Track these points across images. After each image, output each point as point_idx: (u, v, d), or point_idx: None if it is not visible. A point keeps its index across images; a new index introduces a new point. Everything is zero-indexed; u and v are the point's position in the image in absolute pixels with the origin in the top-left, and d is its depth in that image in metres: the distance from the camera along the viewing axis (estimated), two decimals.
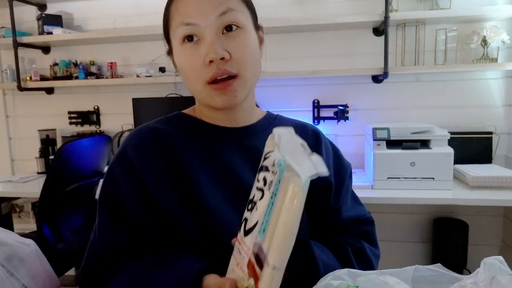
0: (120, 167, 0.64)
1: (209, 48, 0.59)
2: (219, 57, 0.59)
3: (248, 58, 0.62)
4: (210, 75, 0.60)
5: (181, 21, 0.61)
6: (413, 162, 1.61)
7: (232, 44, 0.61)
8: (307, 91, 2.13)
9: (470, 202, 1.53)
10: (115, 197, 0.63)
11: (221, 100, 0.62)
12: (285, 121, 0.80)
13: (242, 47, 0.62)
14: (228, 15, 0.60)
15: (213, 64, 0.60)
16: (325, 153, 0.77)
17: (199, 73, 0.61)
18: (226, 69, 0.60)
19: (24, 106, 2.45)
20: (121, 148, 0.66)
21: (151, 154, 0.64)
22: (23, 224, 2.37)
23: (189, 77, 0.64)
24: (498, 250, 2.03)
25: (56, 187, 1.54)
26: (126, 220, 0.61)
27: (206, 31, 0.60)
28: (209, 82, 0.61)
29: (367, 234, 0.76)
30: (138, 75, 2.15)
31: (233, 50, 0.60)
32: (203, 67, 0.61)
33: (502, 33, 1.77)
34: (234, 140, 0.70)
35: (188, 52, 0.62)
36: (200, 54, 0.60)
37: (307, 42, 2.09)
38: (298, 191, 0.39)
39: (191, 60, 0.61)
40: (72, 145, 1.55)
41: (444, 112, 2.02)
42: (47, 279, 0.69)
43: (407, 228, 2.09)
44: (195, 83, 0.63)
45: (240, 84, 0.63)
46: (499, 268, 0.49)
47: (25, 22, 2.33)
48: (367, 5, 2.00)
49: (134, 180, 0.62)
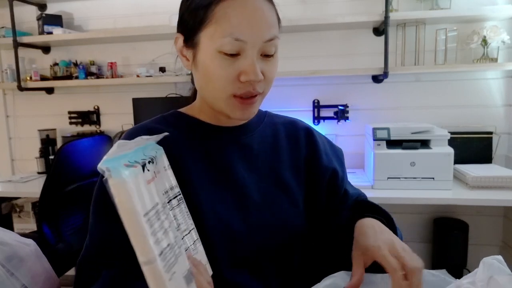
0: None
1: (251, 69, 0.60)
2: (258, 80, 0.61)
3: (273, 79, 0.66)
4: (242, 91, 0.62)
5: (230, 33, 0.58)
6: (413, 162, 1.61)
7: (267, 67, 0.63)
8: (307, 91, 2.13)
9: (470, 202, 1.53)
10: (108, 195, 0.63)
11: (241, 114, 0.65)
12: (274, 117, 0.81)
13: (274, 70, 0.66)
14: (273, 42, 0.63)
15: (247, 83, 0.61)
16: (321, 143, 0.79)
17: (229, 85, 0.61)
18: (257, 90, 0.63)
19: (24, 106, 2.45)
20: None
21: None
22: (23, 224, 2.37)
23: (214, 85, 0.62)
24: (498, 250, 2.03)
25: (56, 187, 1.53)
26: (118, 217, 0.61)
27: (250, 49, 0.60)
28: (235, 96, 0.62)
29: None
30: (138, 75, 2.15)
31: (267, 73, 0.63)
32: (235, 81, 0.61)
33: (502, 33, 1.77)
34: (230, 139, 0.71)
35: (224, 62, 0.60)
36: (236, 68, 0.60)
37: (307, 42, 2.09)
38: (113, 188, 0.41)
39: (225, 70, 0.60)
40: (72, 145, 1.55)
41: (444, 112, 2.02)
42: (47, 279, 0.69)
43: (407, 228, 2.09)
44: (219, 92, 0.62)
45: (260, 100, 0.66)
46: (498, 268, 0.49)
47: (25, 22, 2.33)
48: (367, 5, 2.00)
49: None
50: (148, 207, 0.43)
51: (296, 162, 0.75)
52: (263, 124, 0.77)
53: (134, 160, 0.46)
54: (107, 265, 0.60)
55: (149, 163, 0.48)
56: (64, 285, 0.76)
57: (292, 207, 0.72)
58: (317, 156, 0.77)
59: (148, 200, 0.44)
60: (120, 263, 0.59)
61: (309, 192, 0.75)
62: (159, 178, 0.51)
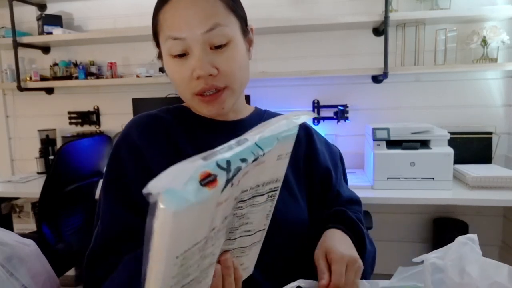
0: (125, 148, 0.65)
1: (197, 64, 0.60)
2: (207, 74, 0.60)
3: (236, 71, 0.63)
4: (198, 89, 0.62)
5: (168, 34, 0.61)
6: (413, 162, 1.61)
7: (220, 60, 0.61)
8: (307, 91, 2.13)
9: (470, 202, 1.53)
10: (120, 178, 0.63)
11: (208, 111, 0.65)
12: (273, 115, 0.82)
13: (230, 61, 0.62)
14: (215, 31, 0.59)
15: (201, 79, 0.61)
16: (318, 142, 0.80)
17: (187, 85, 0.63)
18: (214, 84, 0.61)
19: (24, 106, 2.45)
20: (125, 130, 0.67)
21: (155, 139, 0.66)
22: (23, 224, 2.37)
23: (178, 88, 0.66)
24: (498, 250, 2.03)
25: (56, 187, 1.53)
26: (131, 202, 0.61)
27: (193, 45, 0.60)
28: (196, 94, 0.63)
29: (358, 213, 0.80)
30: (138, 75, 2.15)
31: (221, 65, 0.61)
32: (191, 79, 0.62)
33: (502, 33, 1.77)
34: (231, 133, 0.71)
35: (177, 64, 0.62)
36: (188, 67, 0.61)
37: (307, 42, 2.09)
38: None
39: (179, 72, 0.62)
40: (72, 145, 1.55)
41: (444, 112, 2.02)
42: (47, 279, 0.69)
43: (407, 228, 2.09)
44: (183, 93, 0.66)
45: (228, 95, 0.64)
46: (470, 248, 0.50)
47: (25, 22, 2.33)
48: (367, 5, 2.00)
49: (140, 162, 0.63)
50: (190, 243, 0.32)
51: (296, 159, 0.75)
52: (262, 120, 0.78)
53: (224, 165, 0.32)
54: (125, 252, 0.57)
55: (238, 172, 0.34)
56: (64, 285, 0.76)
57: (293, 202, 0.72)
58: (315, 154, 0.77)
59: (200, 232, 0.32)
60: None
61: (307, 190, 0.76)
62: (242, 182, 0.38)
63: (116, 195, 0.62)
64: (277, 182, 0.44)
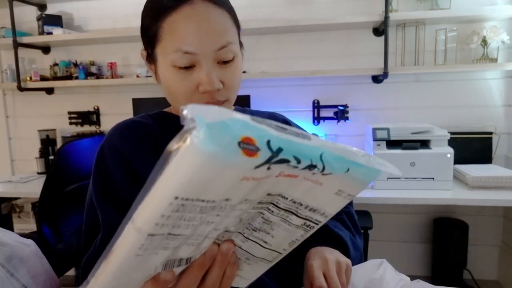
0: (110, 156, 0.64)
1: (206, 79, 0.59)
2: (216, 89, 0.60)
3: (237, 85, 0.64)
4: (201, 102, 0.61)
5: (178, 47, 0.58)
6: (413, 162, 1.61)
7: (226, 74, 0.61)
8: (307, 91, 2.13)
9: (470, 202, 1.53)
10: (111, 187, 0.63)
11: None
12: (254, 112, 0.82)
13: (234, 76, 0.63)
14: (226, 49, 0.59)
15: (206, 94, 0.60)
16: None
17: (190, 97, 0.61)
18: (217, 98, 0.62)
19: (24, 106, 2.45)
20: (107, 137, 0.67)
21: (138, 145, 0.65)
22: (23, 224, 2.37)
23: (176, 98, 0.64)
24: (498, 250, 2.03)
25: (56, 187, 1.53)
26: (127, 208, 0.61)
27: (203, 60, 0.59)
28: None
29: (348, 213, 0.80)
30: (138, 75, 2.15)
31: (226, 80, 0.61)
32: (195, 92, 0.61)
33: (502, 33, 1.77)
34: None
35: (180, 76, 0.60)
36: (193, 80, 0.60)
37: (307, 42, 2.09)
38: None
39: (182, 84, 0.60)
40: (72, 145, 1.55)
41: (444, 112, 2.02)
42: (47, 279, 0.69)
43: (407, 228, 2.09)
44: (181, 103, 0.63)
45: (226, 107, 0.65)
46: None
47: (25, 22, 2.33)
48: (367, 5, 2.00)
49: (125, 168, 0.63)
50: (195, 195, 0.29)
51: None
52: None
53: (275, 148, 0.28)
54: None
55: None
56: (64, 285, 0.76)
57: None
58: None
59: (211, 191, 0.29)
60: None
61: None
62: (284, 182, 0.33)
63: (111, 204, 0.61)
64: (322, 216, 0.39)
